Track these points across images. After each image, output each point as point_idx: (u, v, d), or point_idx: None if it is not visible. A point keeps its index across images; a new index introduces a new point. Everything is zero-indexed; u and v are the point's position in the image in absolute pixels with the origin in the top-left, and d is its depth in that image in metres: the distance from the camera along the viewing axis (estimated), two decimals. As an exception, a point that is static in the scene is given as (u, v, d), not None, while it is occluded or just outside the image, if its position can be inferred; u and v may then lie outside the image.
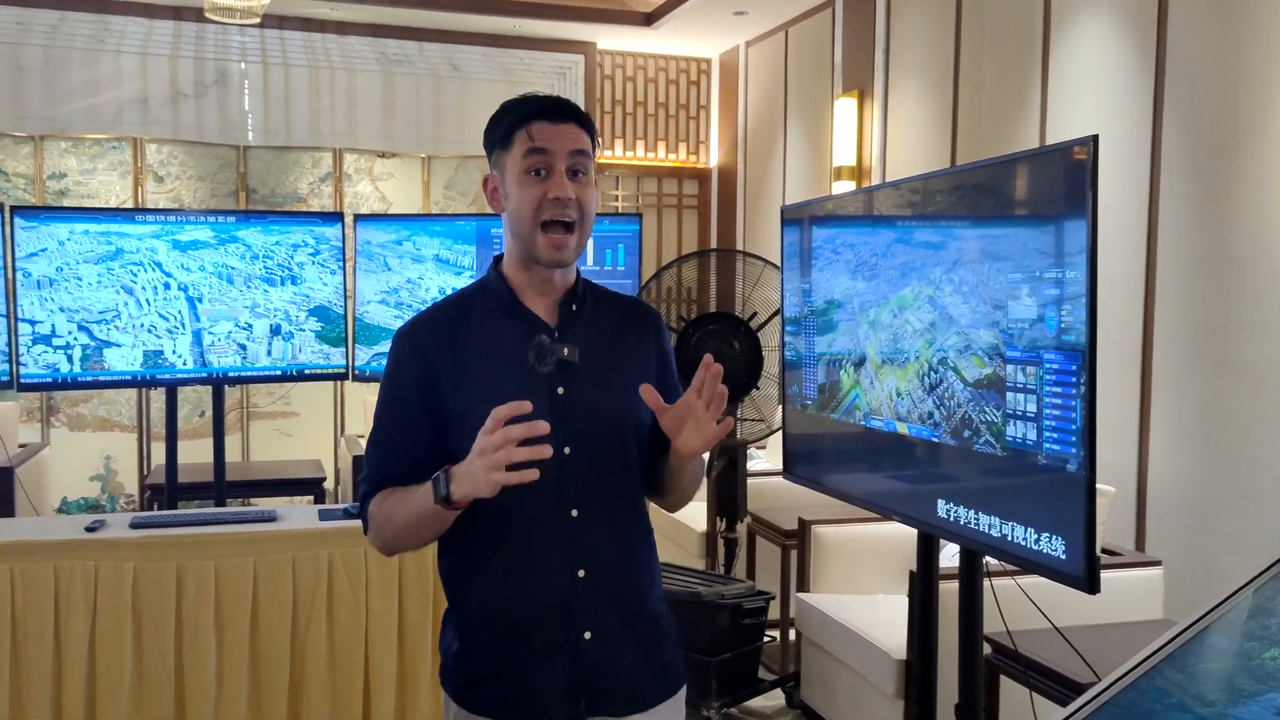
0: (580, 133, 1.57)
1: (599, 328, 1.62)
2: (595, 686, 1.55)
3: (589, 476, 1.55)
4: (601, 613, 1.56)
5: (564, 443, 1.51)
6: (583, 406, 1.55)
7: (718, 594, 3.49)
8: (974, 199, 2.07)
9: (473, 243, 4.41)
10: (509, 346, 1.55)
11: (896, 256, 2.35)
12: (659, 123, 6.79)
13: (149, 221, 4.12)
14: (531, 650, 1.54)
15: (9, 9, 5.46)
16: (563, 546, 1.54)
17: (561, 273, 1.60)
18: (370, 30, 6.05)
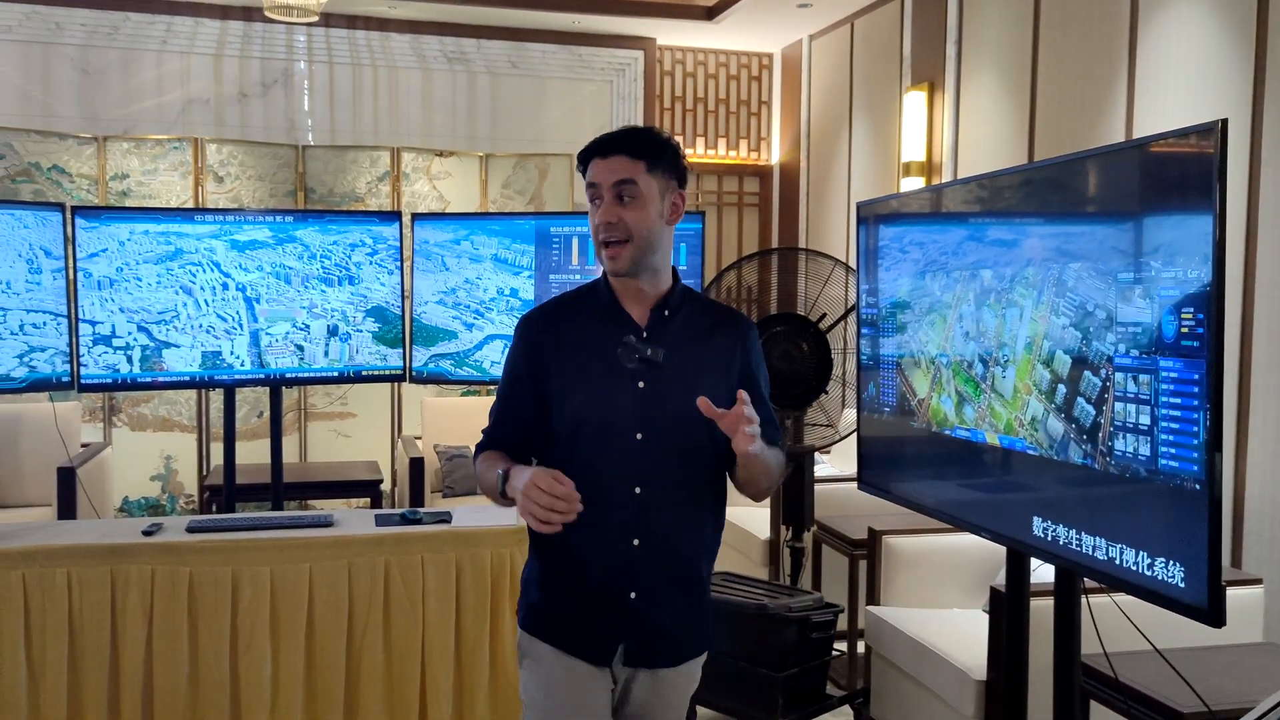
0: (626, 161, 1.83)
1: (687, 332, 1.87)
2: (635, 639, 1.85)
3: (656, 460, 1.82)
4: (649, 577, 1.84)
5: (638, 430, 1.82)
6: (659, 400, 1.81)
7: (784, 606, 3.35)
8: (1079, 191, 1.92)
9: (531, 242, 4.32)
10: (604, 343, 1.83)
11: (990, 254, 2.20)
12: (720, 119, 6.66)
13: (207, 221, 4.08)
14: (583, 599, 1.86)
15: (76, 11, 5.49)
16: (623, 517, 1.82)
17: (649, 281, 1.87)
18: (430, 28, 6.00)
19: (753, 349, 1.93)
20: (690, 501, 1.86)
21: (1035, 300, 2.00)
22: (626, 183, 1.81)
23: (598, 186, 1.83)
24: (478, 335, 4.36)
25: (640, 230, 1.81)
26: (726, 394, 1.77)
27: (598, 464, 1.79)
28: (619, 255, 1.82)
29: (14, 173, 5.22)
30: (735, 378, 1.87)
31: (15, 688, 3.05)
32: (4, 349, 3.82)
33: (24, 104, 5.49)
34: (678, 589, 1.87)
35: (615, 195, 1.81)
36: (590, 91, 6.33)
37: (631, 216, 1.81)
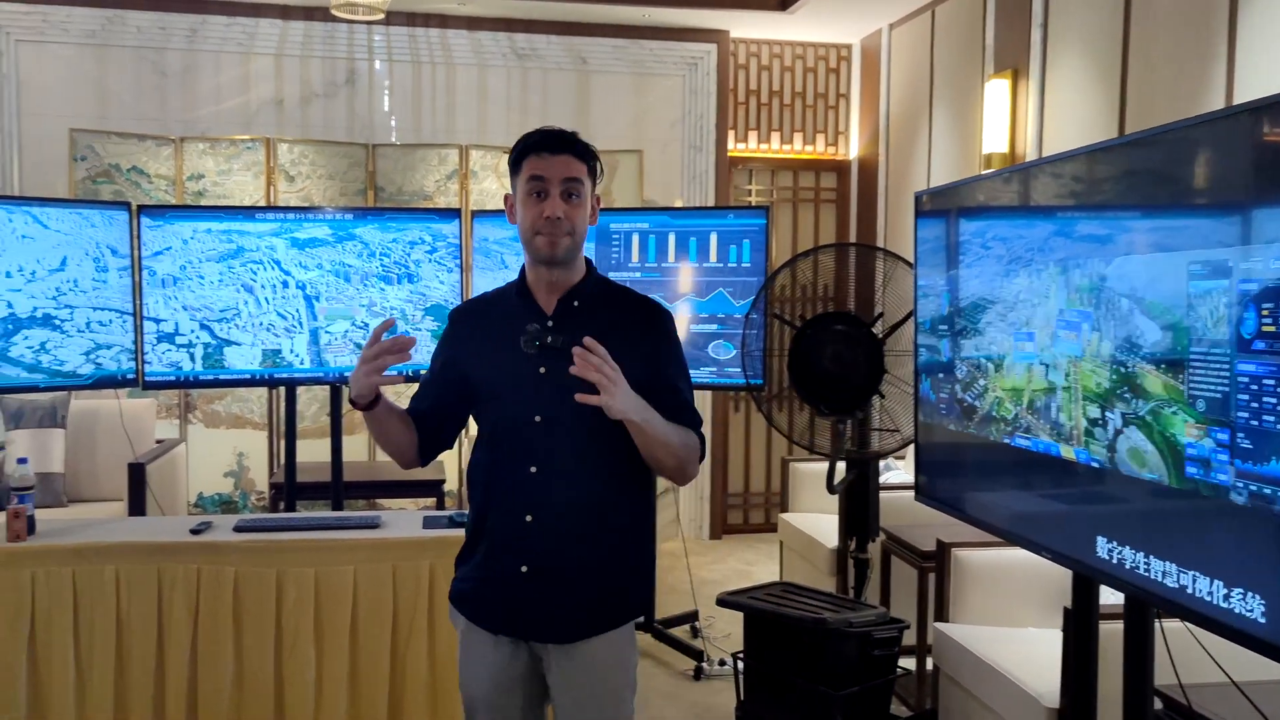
0: (575, 162, 1.94)
1: (595, 320, 1.94)
2: (531, 615, 1.96)
3: (553, 441, 1.94)
4: (541, 553, 1.95)
5: (536, 412, 1.93)
6: (558, 384, 1.86)
7: (844, 621, 3.18)
8: (1164, 174, 1.72)
9: (592, 239, 4.22)
10: (512, 333, 1.92)
11: (1058, 245, 2.01)
12: (795, 113, 6.46)
13: (268, 219, 4.09)
14: (485, 574, 2.00)
15: (153, 14, 5.59)
16: (517, 494, 1.95)
17: (564, 273, 1.98)
18: (499, 25, 5.95)
19: (662, 336, 2.01)
20: (591, 481, 1.95)
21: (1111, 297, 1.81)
22: (575, 181, 1.93)
23: (545, 180, 1.91)
24: (536, 334, 4.28)
25: (580, 227, 1.95)
26: (630, 380, 1.85)
27: (501, 445, 1.95)
28: (558, 243, 1.92)
29: (95, 174, 5.33)
30: (640, 364, 1.92)
31: (64, 684, 3.06)
32: (72, 346, 3.87)
33: (106, 107, 5.61)
34: (573, 566, 1.96)
35: (563, 192, 1.91)
36: (662, 87, 6.21)
37: (575, 214, 1.93)
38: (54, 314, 3.82)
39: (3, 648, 3.02)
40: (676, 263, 4.18)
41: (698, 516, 6.33)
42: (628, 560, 2.03)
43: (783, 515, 5.00)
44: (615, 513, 2.00)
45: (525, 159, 1.95)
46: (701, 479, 6.31)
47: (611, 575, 1.99)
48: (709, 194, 6.21)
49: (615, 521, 2.00)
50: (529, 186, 1.93)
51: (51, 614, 3.05)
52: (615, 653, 2.00)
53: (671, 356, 2.02)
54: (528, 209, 1.93)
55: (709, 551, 6.04)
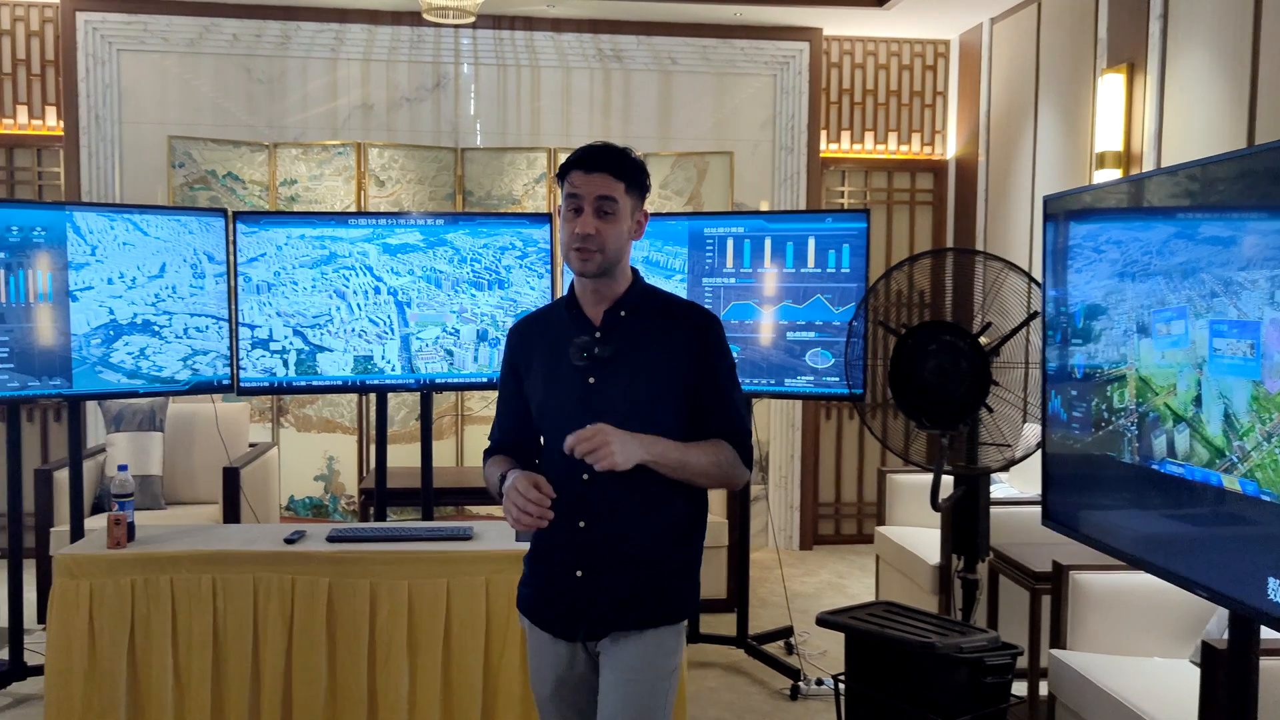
0: (610, 180, 1.99)
1: (640, 330, 2.02)
2: (586, 615, 2.02)
3: None
4: (593, 558, 2.01)
5: (586, 421, 1.92)
6: (607, 394, 1.98)
7: (954, 646, 3.02)
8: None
9: (684, 244, 4.12)
10: (563, 345, 2.03)
11: (1214, 253, 1.84)
12: (890, 112, 6.27)
13: (360, 225, 4.07)
14: (545, 579, 2.08)
15: (247, 21, 5.66)
16: (572, 502, 1.99)
17: (608, 284, 2.03)
18: (587, 26, 5.89)
19: (708, 344, 2.03)
20: (638, 486, 1.97)
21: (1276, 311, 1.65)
22: (608, 199, 1.98)
23: (580, 198, 1.98)
24: (628, 341, 4.19)
25: (612, 244, 1.99)
26: (675, 387, 1.99)
27: (555, 454, 1.98)
28: (590, 259, 1.97)
29: (192, 180, 5.40)
30: (687, 371, 2.00)
31: (162, 691, 3.07)
32: (169, 352, 3.90)
33: (203, 114, 5.69)
34: (625, 569, 2.01)
35: (596, 209, 1.97)
36: (753, 86, 6.08)
37: (608, 231, 1.98)
38: (153, 320, 3.85)
39: (104, 653, 3.04)
40: (771, 268, 4.05)
41: (788, 526, 6.18)
42: (673, 559, 2.07)
43: (879, 528, 4.83)
44: (667, 512, 2.04)
45: (565, 176, 2.02)
46: (791, 488, 6.17)
47: (659, 574, 2.04)
48: (800, 196, 6.06)
49: (666, 521, 2.04)
50: (566, 203, 2.01)
51: (150, 621, 3.06)
52: (655, 648, 2.03)
53: (718, 365, 2.06)
54: (565, 225, 2.01)
55: (800, 563, 5.89)
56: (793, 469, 6.17)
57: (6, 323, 3.61)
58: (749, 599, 4.36)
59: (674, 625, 2.08)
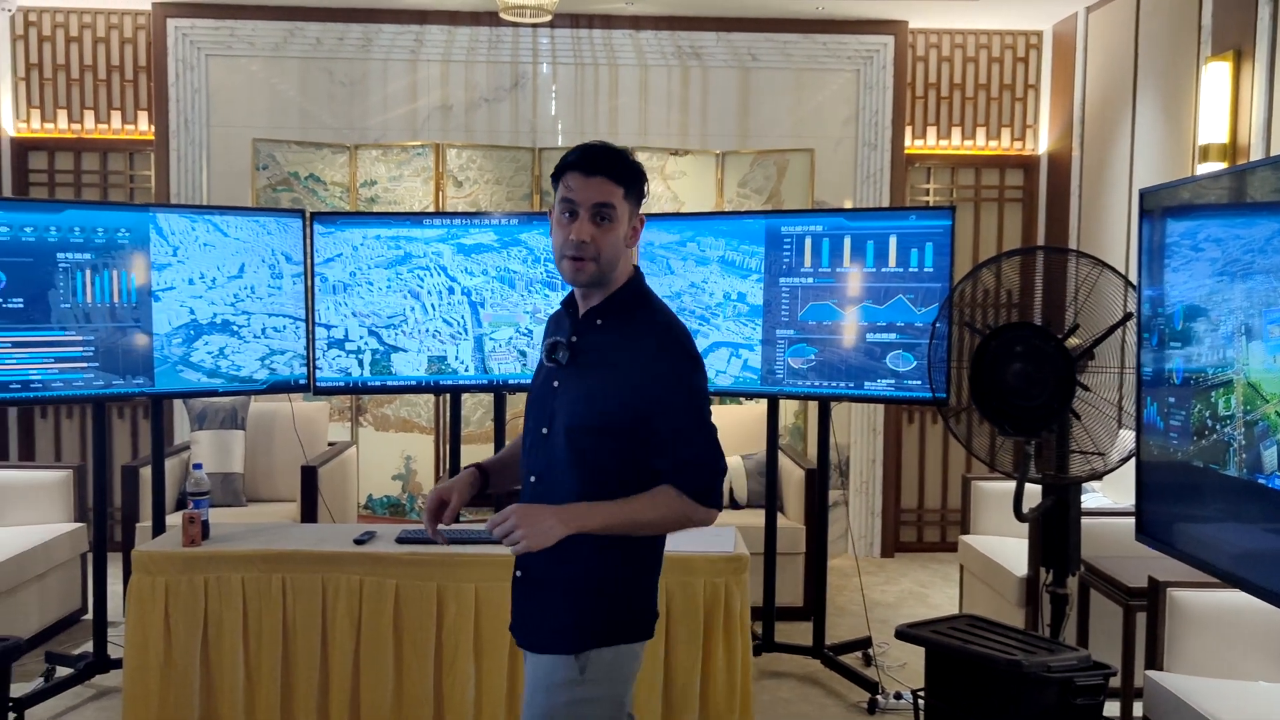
0: (608, 184, 1.91)
1: (608, 342, 1.95)
2: (517, 619, 2.02)
3: (549, 455, 1.96)
4: (529, 562, 1.96)
5: (544, 425, 1.96)
6: (565, 398, 1.94)
7: (1042, 664, 2.87)
8: None
9: (761, 243, 4.02)
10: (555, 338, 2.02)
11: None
12: (978, 106, 6.07)
13: (435, 225, 4.07)
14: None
15: (330, 25, 5.72)
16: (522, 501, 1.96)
17: (600, 293, 1.96)
18: (666, 24, 5.82)
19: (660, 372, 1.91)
20: (573, 493, 1.91)
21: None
22: (606, 206, 1.90)
23: (576, 203, 1.89)
24: (703, 342, 4.11)
25: (608, 252, 1.91)
26: (624, 407, 1.89)
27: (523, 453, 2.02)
28: (582, 269, 1.91)
29: (275, 182, 5.48)
30: (636, 393, 1.90)
31: (234, 687, 3.09)
32: (248, 351, 3.95)
33: (286, 116, 5.78)
34: (552, 579, 1.95)
35: (592, 215, 1.89)
36: (836, 82, 5.94)
37: (604, 238, 1.90)
38: (232, 320, 3.90)
39: (179, 649, 3.07)
40: (851, 267, 3.93)
41: (868, 533, 6.03)
42: (609, 580, 1.95)
43: (963, 537, 4.66)
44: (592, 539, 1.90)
45: (562, 177, 1.94)
46: (872, 493, 6.01)
47: (580, 597, 1.95)
48: (884, 194, 5.90)
49: (606, 539, 1.91)
50: (560, 206, 1.93)
51: (223, 618, 3.09)
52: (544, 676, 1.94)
53: (669, 396, 1.91)
54: (559, 228, 1.93)
55: (880, 571, 5.73)
56: (874, 474, 6.01)
57: (92, 322, 3.69)
58: (826, 607, 4.24)
59: (563, 659, 1.92)
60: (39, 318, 3.61)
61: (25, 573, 4.19)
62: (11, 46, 5.76)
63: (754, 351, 4.04)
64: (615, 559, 1.95)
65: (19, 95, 5.80)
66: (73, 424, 5.94)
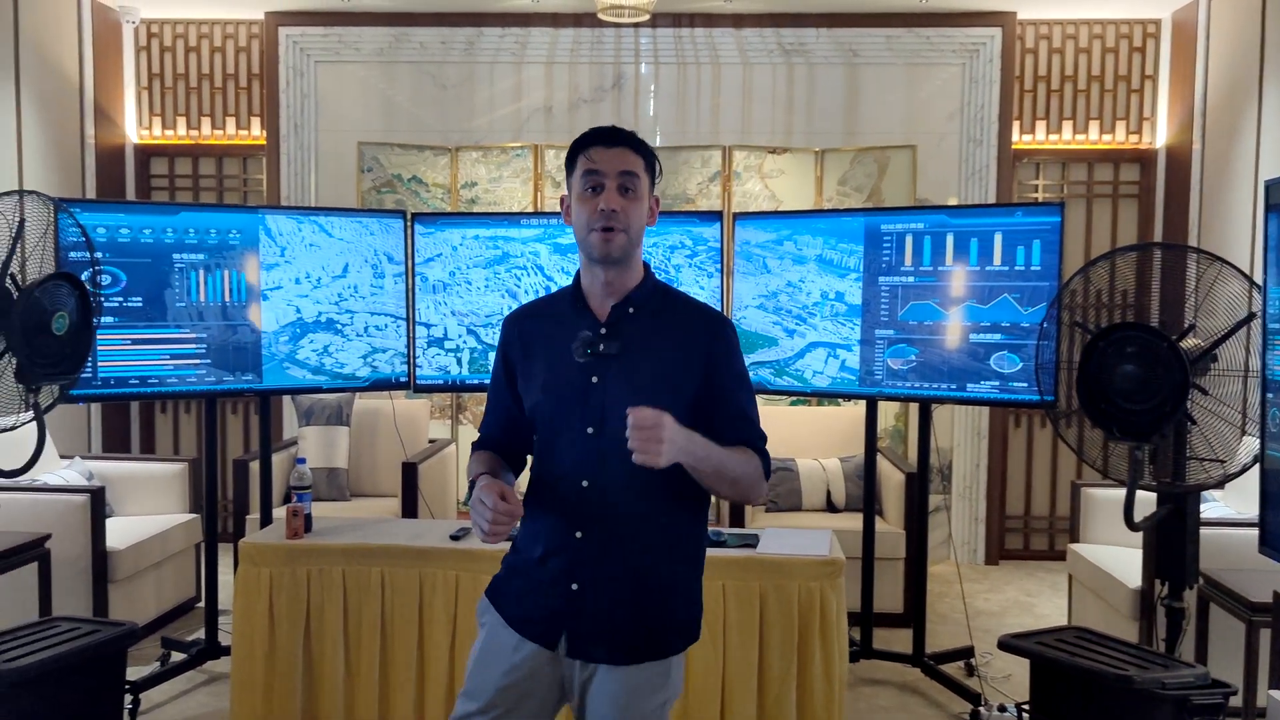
0: (631, 155, 1.87)
1: (650, 328, 1.88)
2: (575, 630, 1.87)
3: (605, 455, 1.84)
4: (592, 571, 1.87)
5: (588, 424, 1.86)
6: (612, 395, 1.83)
7: (1156, 681, 2.74)
8: None
9: (860, 242, 3.94)
10: (564, 340, 1.87)
11: None
12: (1091, 99, 5.84)
13: (532, 225, 4.10)
14: (533, 582, 1.92)
15: (434, 30, 5.83)
16: (569, 510, 1.87)
17: (620, 275, 1.88)
18: (764, 20, 5.76)
19: (720, 348, 1.91)
20: (644, 498, 1.86)
21: None
22: (630, 175, 1.85)
23: (601, 174, 1.84)
24: (799, 342, 4.05)
25: (636, 224, 1.86)
26: (685, 391, 1.85)
27: (551, 457, 1.87)
28: (613, 240, 1.83)
29: (379, 184, 5.61)
30: (697, 376, 1.87)
31: (334, 678, 3.16)
32: (351, 349, 4.04)
33: (391, 120, 5.90)
34: (626, 584, 1.87)
35: (619, 186, 1.84)
36: (940, 77, 5.79)
37: (632, 209, 1.85)
38: (336, 319, 4.00)
39: (282, 639, 3.16)
40: (954, 266, 3.82)
41: (971, 539, 5.86)
42: (679, 582, 1.94)
43: (1072, 545, 4.49)
44: (669, 529, 1.91)
45: (579, 155, 1.89)
46: (976, 499, 5.84)
47: (665, 599, 1.91)
48: (989, 190, 5.73)
49: (669, 539, 1.91)
50: (584, 181, 1.86)
51: (324, 610, 3.16)
52: (657, 685, 1.89)
53: (733, 369, 1.93)
54: (583, 205, 1.87)
55: (984, 578, 5.57)
56: (977, 479, 5.84)
57: (205, 320, 3.82)
58: (926, 614, 4.13)
59: (674, 656, 1.92)
60: (156, 316, 3.76)
61: (143, 561, 4.37)
62: (135, 58, 6.02)
63: (852, 352, 3.96)
64: (702, 558, 1.97)
65: (142, 104, 6.06)
66: (189, 419, 6.19)
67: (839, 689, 3.01)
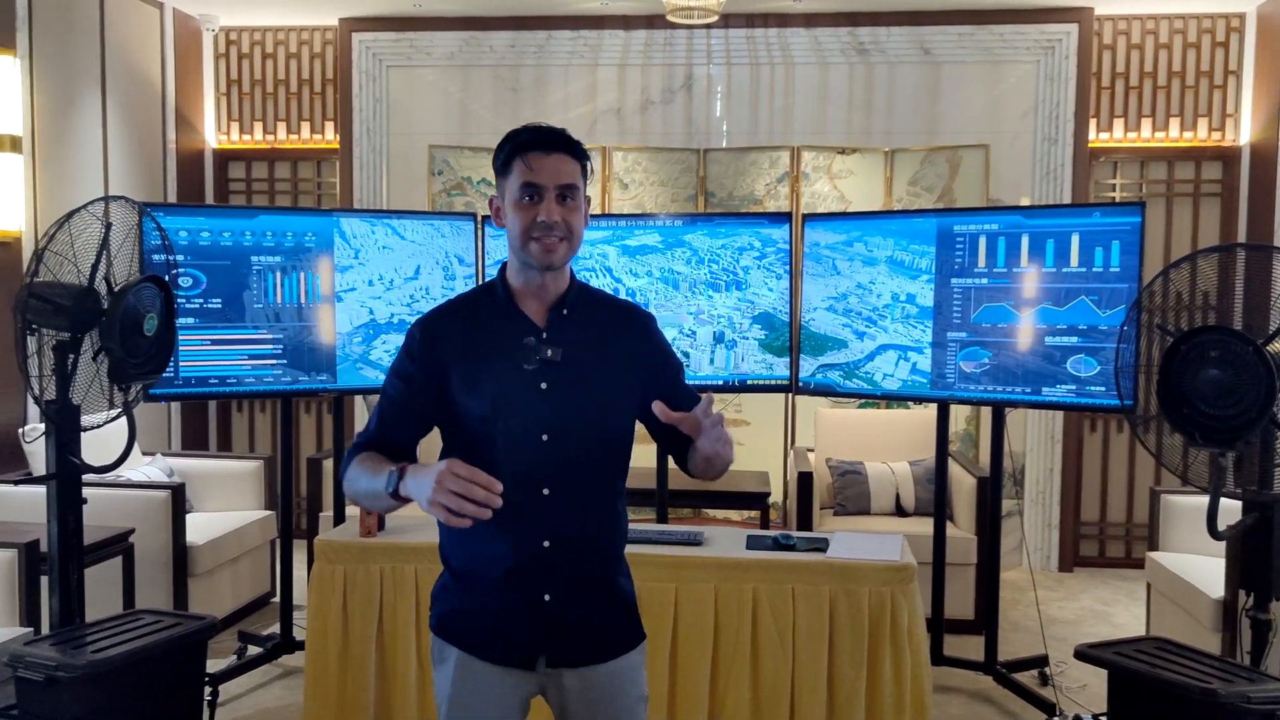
0: (568, 162, 1.83)
1: (587, 330, 1.86)
2: (552, 641, 1.86)
3: (562, 462, 1.82)
4: (562, 578, 1.85)
5: (543, 431, 1.82)
6: (563, 400, 1.81)
7: (1241, 695, 2.66)
8: None
9: (931, 243, 3.88)
10: (503, 344, 1.83)
11: None
12: (1171, 95, 5.69)
13: (600, 227, 4.11)
14: (499, 604, 1.85)
15: (503, 33, 5.88)
16: (532, 520, 1.82)
17: (555, 279, 1.86)
18: (833, 20, 5.71)
19: (656, 341, 1.96)
20: (599, 500, 1.88)
21: None
22: (569, 187, 1.83)
23: (539, 186, 1.80)
24: (869, 345, 4.01)
25: (576, 231, 1.85)
26: (634, 389, 1.86)
27: (505, 467, 1.74)
28: (555, 250, 1.81)
29: (449, 187, 5.68)
30: (641, 371, 1.89)
31: (407, 677, 3.21)
32: (422, 350, 4.09)
33: (463, 123, 5.98)
34: (593, 587, 1.89)
35: (558, 196, 1.81)
36: (1014, 75, 5.69)
37: (572, 218, 1.84)
38: (408, 320, 4.05)
39: (355, 636, 3.21)
40: (1029, 267, 3.74)
41: (1044, 545, 5.75)
42: (624, 567, 1.98)
43: (1151, 554, 4.38)
44: (618, 525, 1.94)
45: (515, 160, 1.83)
46: (1050, 504, 5.73)
47: (620, 595, 1.94)
48: (1064, 190, 5.62)
49: (618, 534, 1.94)
50: (522, 191, 1.81)
51: (397, 607, 3.21)
52: (632, 670, 1.93)
53: (673, 358, 1.99)
54: (519, 212, 1.81)
55: (1058, 586, 5.45)
56: (1051, 484, 5.73)
57: (281, 322, 3.90)
58: (999, 621, 4.06)
59: (641, 645, 1.97)
60: (235, 317, 3.85)
61: (221, 556, 4.48)
62: (214, 65, 6.17)
63: (923, 355, 3.91)
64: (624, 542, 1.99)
65: (220, 110, 6.21)
66: (264, 417, 6.33)
67: (914, 697, 2.97)
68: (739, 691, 2.99)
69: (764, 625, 2.99)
